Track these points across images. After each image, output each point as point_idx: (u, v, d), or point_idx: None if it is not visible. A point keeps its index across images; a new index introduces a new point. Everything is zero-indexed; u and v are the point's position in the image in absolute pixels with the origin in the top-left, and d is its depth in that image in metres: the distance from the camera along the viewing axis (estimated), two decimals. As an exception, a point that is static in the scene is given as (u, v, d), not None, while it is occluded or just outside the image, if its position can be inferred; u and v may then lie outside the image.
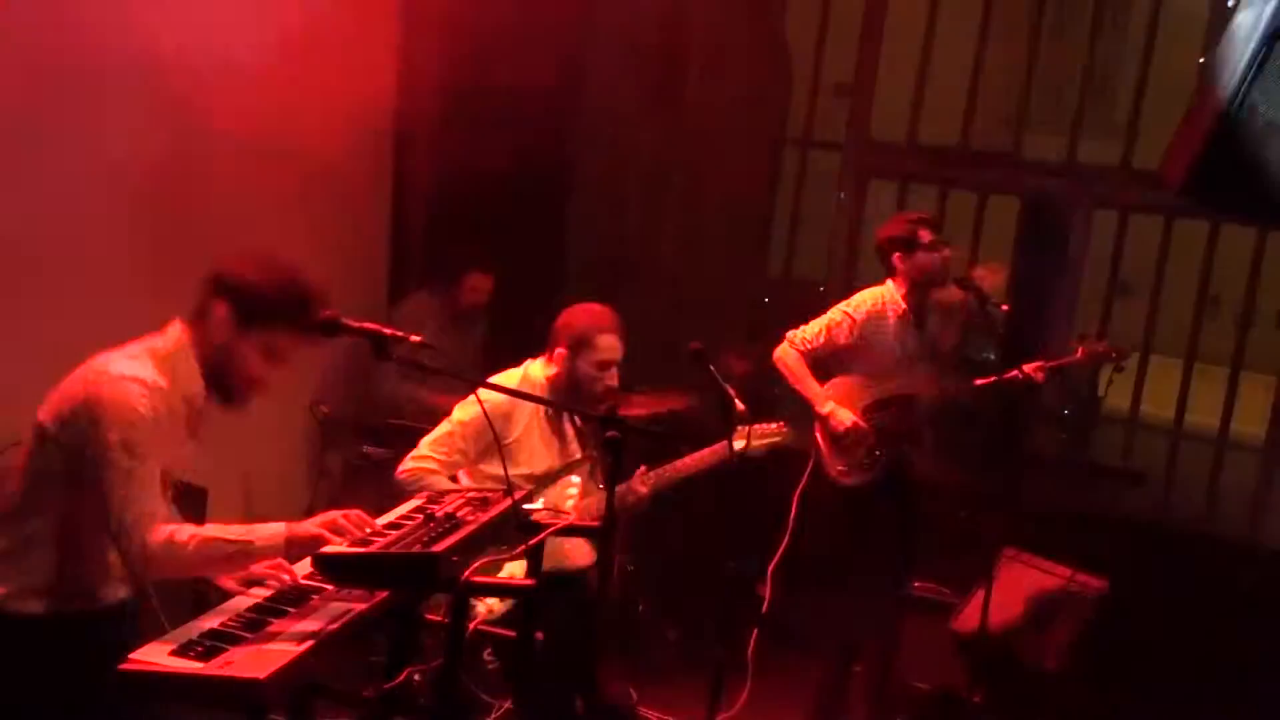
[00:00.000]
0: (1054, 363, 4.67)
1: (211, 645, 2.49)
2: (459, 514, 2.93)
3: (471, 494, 3.26)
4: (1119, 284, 5.80)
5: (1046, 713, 4.69)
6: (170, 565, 2.72)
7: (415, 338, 2.97)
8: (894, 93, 6.17)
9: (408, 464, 3.94)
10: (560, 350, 4.00)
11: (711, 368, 3.51)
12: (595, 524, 3.45)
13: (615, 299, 6.58)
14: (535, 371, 4.07)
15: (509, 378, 4.06)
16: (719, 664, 3.28)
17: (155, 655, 2.45)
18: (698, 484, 5.86)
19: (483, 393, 3.67)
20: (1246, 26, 1.95)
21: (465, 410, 3.92)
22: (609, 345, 4.00)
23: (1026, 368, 4.60)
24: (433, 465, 3.90)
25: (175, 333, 2.85)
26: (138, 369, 2.74)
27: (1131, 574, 4.84)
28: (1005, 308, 4.78)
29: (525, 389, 3.99)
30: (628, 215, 6.80)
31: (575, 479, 4.05)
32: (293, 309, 2.81)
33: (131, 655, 2.45)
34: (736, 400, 3.73)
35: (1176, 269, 5.61)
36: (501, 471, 3.37)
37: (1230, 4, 4.84)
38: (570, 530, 3.34)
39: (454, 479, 3.96)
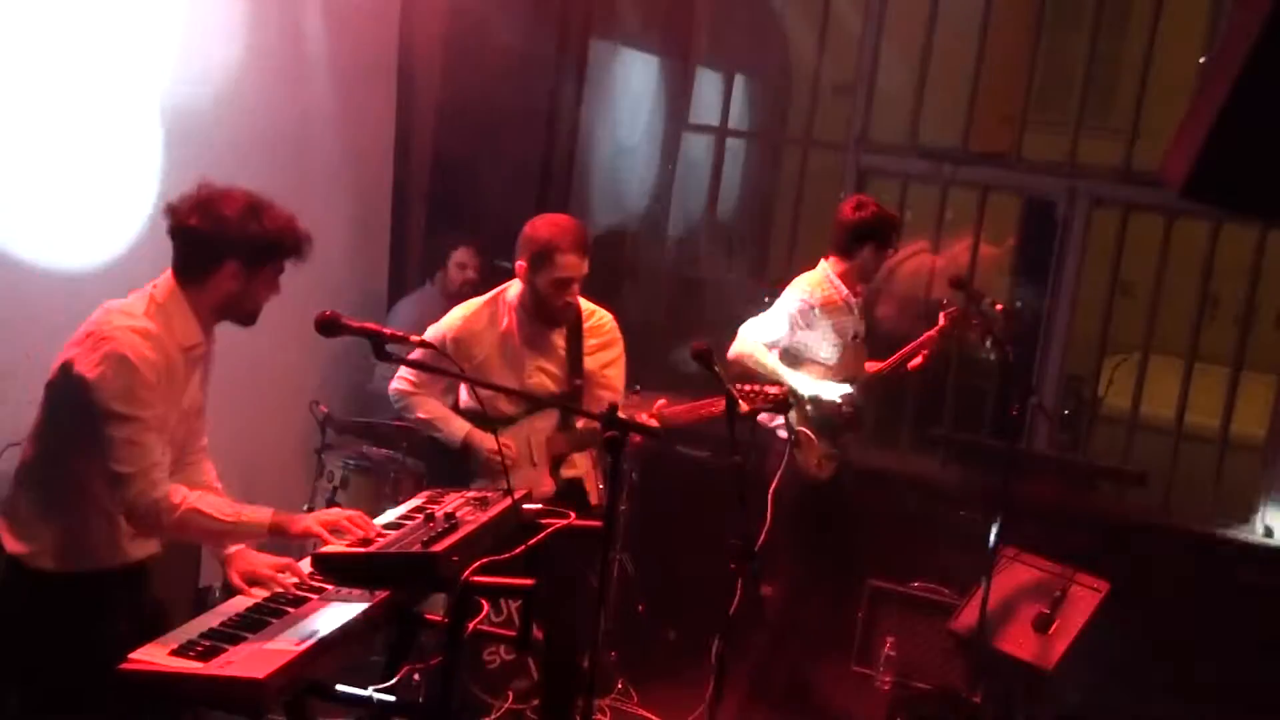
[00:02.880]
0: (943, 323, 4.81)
1: (211, 645, 2.49)
2: (459, 514, 2.93)
3: (471, 494, 3.26)
4: (1119, 284, 5.79)
5: (1046, 713, 4.68)
6: (153, 525, 2.82)
7: (415, 337, 3.03)
8: (894, 93, 6.16)
9: (395, 383, 4.14)
10: (521, 263, 3.94)
11: (717, 368, 3.50)
12: (597, 523, 3.44)
13: (615, 299, 6.60)
14: (510, 292, 4.09)
15: (478, 298, 4.17)
16: (720, 660, 3.27)
17: (155, 655, 2.45)
18: (698, 482, 5.83)
19: (447, 319, 4.05)
20: None
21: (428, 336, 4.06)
22: (568, 264, 3.88)
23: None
24: (410, 387, 4.10)
25: (166, 283, 2.91)
26: (131, 320, 2.81)
27: (1131, 574, 4.84)
28: (1000, 306, 4.77)
29: (500, 307, 4.07)
30: (628, 215, 6.80)
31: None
32: (289, 241, 2.92)
33: (131, 655, 2.46)
34: (741, 401, 3.71)
35: (1176, 269, 5.59)
36: (485, 389, 3.72)
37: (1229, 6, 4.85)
38: (569, 531, 3.33)
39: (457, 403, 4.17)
